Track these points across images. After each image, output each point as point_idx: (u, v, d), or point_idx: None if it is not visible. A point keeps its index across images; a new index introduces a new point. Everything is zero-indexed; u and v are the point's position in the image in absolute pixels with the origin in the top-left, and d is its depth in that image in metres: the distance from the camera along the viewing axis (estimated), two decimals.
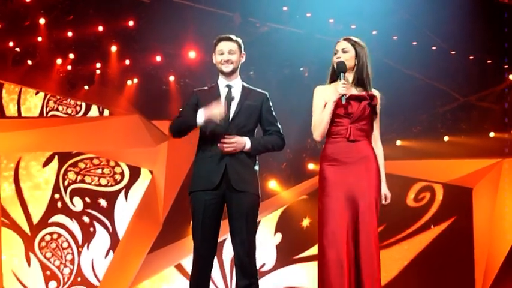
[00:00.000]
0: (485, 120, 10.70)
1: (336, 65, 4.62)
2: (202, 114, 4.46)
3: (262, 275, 10.42)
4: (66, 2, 9.45)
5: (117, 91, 10.58)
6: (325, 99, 4.60)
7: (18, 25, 9.55)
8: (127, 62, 10.25)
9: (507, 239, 10.32)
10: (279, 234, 11.07)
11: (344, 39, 4.70)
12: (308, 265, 10.86)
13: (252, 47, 9.00)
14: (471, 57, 10.20)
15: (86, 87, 10.42)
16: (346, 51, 4.65)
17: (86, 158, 10.66)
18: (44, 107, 10.55)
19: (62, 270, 10.41)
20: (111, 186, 10.67)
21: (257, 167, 4.63)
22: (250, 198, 4.54)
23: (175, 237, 10.47)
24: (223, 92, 4.65)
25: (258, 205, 4.60)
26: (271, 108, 4.73)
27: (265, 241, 10.75)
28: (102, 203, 10.59)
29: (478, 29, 9.22)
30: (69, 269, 10.43)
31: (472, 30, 9.16)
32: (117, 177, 10.71)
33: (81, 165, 10.64)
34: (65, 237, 10.46)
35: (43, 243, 10.38)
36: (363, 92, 4.63)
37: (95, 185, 10.63)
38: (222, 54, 4.66)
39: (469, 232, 10.59)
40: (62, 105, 10.62)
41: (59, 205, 10.45)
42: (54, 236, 10.43)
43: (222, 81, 4.68)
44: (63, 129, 10.47)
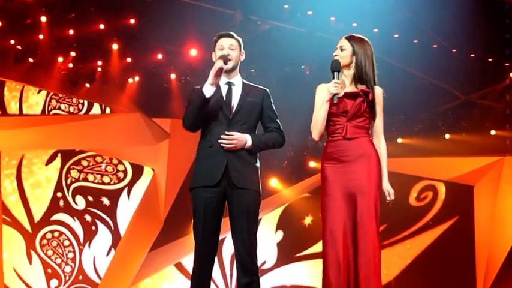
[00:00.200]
0: (486, 118, 10.71)
1: (330, 64, 4.62)
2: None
3: (263, 272, 10.42)
4: (67, 0, 9.46)
5: (119, 89, 10.59)
6: (324, 98, 4.61)
7: (19, 23, 9.56)
8: (128, 60, 10.26)
9: (508, 237, 10.32)
10: (280, 232, 11.08)
11: (344, 37, 4.71)
12: (309, 263, 10.88)
13: (253, 45, 9.04)
14: (472, 55, 10.20)
15: (87, 85, 10.43)
16: (344, 49, 4.65)
17: (89, 156, 10.68)
18: (46, 105, 10.56)
19: (64, 268, 10.42)
20: (114, 184, 10.68)
21: (258, 164, 4.63)
22: (251, 195, 4.54)
23: (176, 236, 10.48)
24: (223, 90, 4.64)
25: (259, 202, 4.60)
26: (272, 104, 4.73)
27: (266, 239, 10.76)
28: (105, 201, 10.60)
29: (479, 27, 9.22)
30: (71, 267, 10.44)
31: (473, 28, 9.16)
32: (120, 175, 10.72)
33: (84, 163, 10.66)
34: (66, 235, 10.46)
35: (44, 241, 10.39)
36: (358, 89, 4.62)
37: (98, 183, 10.64)
38: (222, 49, 4.65)
39: (471, 230, 10.60)
40: (65, 104, 10.63)
41: (61, 203, 10.47)
42: (56, 234, 10.44)
43: (222, 79, 4.66)
44: (64, 127, 10.48)
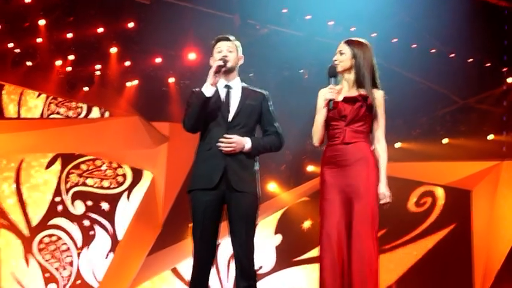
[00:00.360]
0: (484, 122, 10.73)
1: (327, 69, 4.63)
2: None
3: (261, 276, 10.42)
4: (66, 3, 9.46)
5: (117, 92, 10.59)
6: (321, 104, 4.63)
7: (18, 26, 9.56)
8: (127, 63, 10.26)
9: (506, 241, 10.33)
10: (279, 236, 11.07)
11: (343, 41, 4.71)
12: (308, 267, 10.87)
13: (251, 49, 9.03)
14: (470, 60, 10.22)
15: (86, 89, 10.43)
16: (343, 53, 4.65)
17: (89, 160, 10.66)
18: (45, 109, 10.54)
19: (61, 273, 10.40)
20: (114, 188, 10.66)
21: (257, 168, 4.63)
22: (250, 199, 4.53)
23: (174, 239, 10.47)
24: (222, 92, 4.64)
25: (258, 206, 4.59)
26: (271, 107, 4.72)
27: (264, 243, 10.75)
28: (104, 206, 10.58)
29: (477, 32, 9.24)
30: (69, 271, 10.42)
31: (471, 33, 9.18)
32: (120, 179, 10.71)
33: (84, 167, 10.64)
34: (64, 239, 10.44)
35: (42, 245, 10.36)
36: (357, 93, 4.62)
37: (97, 187, 10.61)
38: (220, 52, 4.66)
39: (469, 236, 10.60)
40: (64, 108, 10.62)
41: (60, 208, 10.44)
42: (53, 239, 10.41)
43: (220, 82, 4.65)
44: (62, 131, 10.47)
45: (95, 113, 10.69)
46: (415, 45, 9.94)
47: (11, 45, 9.76)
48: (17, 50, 9.84)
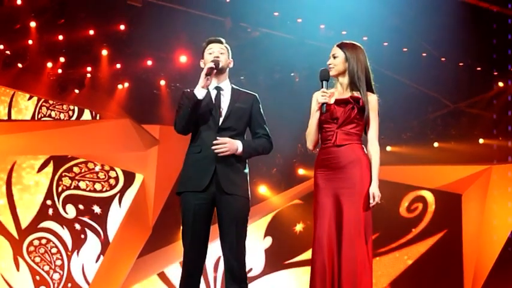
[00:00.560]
0: (474, 126, 10.76)
1: (319, 73, 4.63)
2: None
3: (251, 279, 10.41)
4: (57, 5, 9.44)
5: (108, 95, 10.57)
6: (314, 107, 4.63)
7: (8, 28, 9.55)
8: (118, 66, 10.26)
9: (496, 245, 10.35)
10: (268, 239, 11.06)
11: (336, 45, 4.71)
12: (299, 270, 10.87)
13: (243, 51, 9.06)
14: (461, 64, 10.25)
15: (77, 91, 10.40)
16: (336, 56, 4.65)
17: (81, 163, 10.62)
18: (36, 113, 10.51)
19: (52, 276, 10.36)
20: (106, 191, 10.62)
21: (247, 171, 4.63)
22: (240, 201, 4.53)
23: (165, 242, 10.46)
24: (212, 94, 4.64)
25: (248, 209, 4.59)
26: (261, 109, 4.73)
27: (254, 245, 10.74)
28: (96, 209, 10.54)
29: (468, 36, 9.27)
30: (59, 274, 10.38)
31: (462, 37, 9.21)
32: (112, 181, 10.67)
33: (76, 169, 10.59)
34: (54, 242, 10.39)
35: (31, 248, 10.32)
36: (348, 96, 4.62)
37: (90, 190, 10.57)
38: (211, 53, 4.67)
39: (459, 240, 10.62)
40: (55, 111, 10.59)
41: (50, 212, 10.40)
42: (43, 241, 10.36)
43: (211, 83, 4.64)
44: (52, 133, 10.44)
45: (86, 116, 10.66)
46: (406, 49, 9.96)
47: (1, 47, 9.75)
48: (7, 52, 9.83)
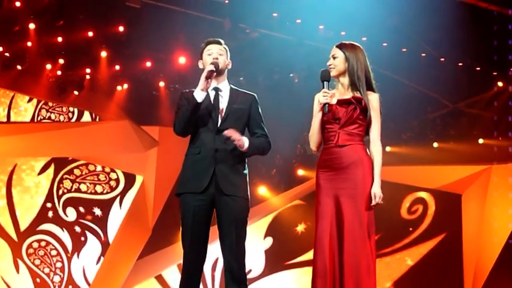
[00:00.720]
0: (474, 126, 10.75)
1: (320, 73, 4.62)
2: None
3: (251, 281, 10.40)
4: (56, 7, 9.44)
5: (107, 96, 10.57)
6: (315, 108, 4.63)
7: (7, 30, 9.55)
8: (117, 67, 10.26)
9: (496, 245, 10.34)
10: (269, 239, 11.04)
11: (336, 45, 4.70)
12: (300, 271, 10.85)
13: (242, 52, 9.06)
14: (460, 64, 10.24)
15: (76, 93, 10.40)
16: (336, 57, 4.65)
17: (82, 165, 10.60)
18: (36, 115, 10.50)
19: (52, 278, 10.34)
20: (107, 193, 10.60)
21: (246, 171, 4.63)
22: (240, 202, 4.52)
23: (164, 244, 10.45)
24: (211, 95, 4.64)
25: (248, 210, 4.59)
26: (259, 109, 4.73)
27: (254, 246, 10.72)
28: (97, 211, 10.52)
29: (467, 36, 9.26)
30: (60, 276, 10.36)
31: (461, 37, 9.20)
32: (113, 183, 10.66)
33: (77, 172, 10.57)
34: (53, 245, 10.37)
35: (31, 250, 10.30)
36: (351, 96, 4.62)
37: (91, 193, 10.55)
38: (210, 54, 4.66)
39: (459, 240, 10.61)
40: (55, 113, 10.58)
41: (50, 214, 10.38)
42: (43, 244, 10.35)
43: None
44: (52, 135, 10.44)
45: (86, 118, 10.65)
46: (405, 49, 9.96)
47: (0, 49, 9.74)
48: (6, 54, 9.83)
